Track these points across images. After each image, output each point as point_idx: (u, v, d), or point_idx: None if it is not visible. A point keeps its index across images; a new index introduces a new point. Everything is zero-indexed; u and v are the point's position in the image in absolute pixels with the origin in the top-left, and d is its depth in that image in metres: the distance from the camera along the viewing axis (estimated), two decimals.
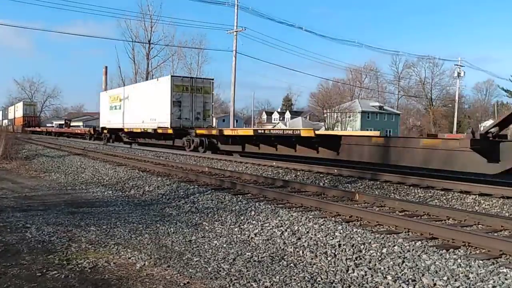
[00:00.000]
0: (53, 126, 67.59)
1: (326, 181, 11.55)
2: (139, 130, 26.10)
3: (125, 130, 28.20)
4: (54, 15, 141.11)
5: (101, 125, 33.12)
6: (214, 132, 20.62)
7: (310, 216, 7.04)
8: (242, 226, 6.90)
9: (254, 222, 7.04)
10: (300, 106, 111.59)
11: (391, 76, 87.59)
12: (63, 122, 77.85)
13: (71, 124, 67.46)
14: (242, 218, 7.35)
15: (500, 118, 9.46)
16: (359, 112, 73.55)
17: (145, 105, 25.21)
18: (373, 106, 77.44)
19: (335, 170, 12.51)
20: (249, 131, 18.95)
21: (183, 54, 57.85)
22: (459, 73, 59.08)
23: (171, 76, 23.44)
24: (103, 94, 34.63)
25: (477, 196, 8.90)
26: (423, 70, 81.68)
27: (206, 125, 23.15)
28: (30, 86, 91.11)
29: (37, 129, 55.81)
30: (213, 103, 24.41)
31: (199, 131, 20.76)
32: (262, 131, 17.83)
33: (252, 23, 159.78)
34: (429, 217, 7.21)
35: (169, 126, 22.30)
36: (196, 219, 7.55)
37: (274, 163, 14.70)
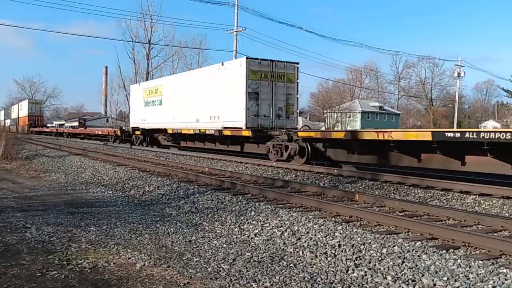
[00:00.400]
0: (54, 126, 67.03)
1: (326, 181, 11.55)
2: (190, 132, 20.62)
3: (169, 131, 22.69)
4: (54, 15, 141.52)
5: (131, 125, 27.71)
6: (338, 135, 14.11)
7: (310, 216, 7.04)
8: (242, 226, 6.90)
9: (254, 222, 7.04)
10: (300, 106, 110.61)
11: (391, 76, 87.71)
12: (63, 122, 77.73)
13: (86, 124, 64.60)
14: (242, 218, 7.35)
15: None
16: (359, 112, 73.56)
17: (202, 99, 19.86)
18: (373, 106, 77.46)
19: (335, 170, 12.51)
20: (423, 135, 11.04)
21: (183, 54, 57.82)
22: (459, 73, 59.16)
23: (247, 58, 17.08)
24: (134, 88, 28.89)
25: (477, 196, 8.90)
26: (423, 70, 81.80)
27: (289, 125, 17.75)
28: (30, 86, 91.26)
29: (45, 129, 52.76)
30: (298, 96, 18.35)
31: (303, 134, 14.97)
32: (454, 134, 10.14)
33: (252, 23, 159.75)
34: (429, 217, 7.21)
35: (243, 126, 16.87)
36: (196, 219, 7.55)
37: (274, 163, 14.70)
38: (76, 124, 71.12)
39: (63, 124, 74.35)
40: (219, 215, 7.70)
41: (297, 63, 18.26)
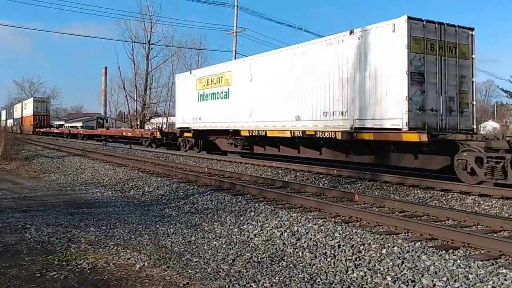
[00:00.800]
0: (62, 126, 65.83)
1: (325, 181, 11.55)
2: (283, 135, 14.71)
3: (243, 133, 16.61)
4: (54, 16, 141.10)
5: (178, 125, 21.81)
6: None
7: (310, 217, 7.04)
8: (241, 227, 6.90)
9: (253, 222, 7.04)
10: None
11: None
12: (62, 122, 77.52)
13: (86, 125, 60.46)
14: (241, 218, 7.35)
15: None
16: None
17: (308, 88, 13.75)
18: None
19: (335, 171, 12.51)
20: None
21: (183, 55, 57.61)
22: None
23: (408, 17, 10.96)
24: (184, 77, 21.80)
25: (477, 196, 8.90)
26: None
27: (463, 123, 11.77)
28: (30, 86, 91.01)
29: (53, 130, 47.39)
30: (474, 80, 12.12)
31: None
32: None
33: (251, 23, 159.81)
34: (429, 218, 7.21)
35: (403, 126, 10.91)
36: (196, 219, 7.55)
37: (273, 163, 14.70)
38: (78, 124, 70.70)
39: (62, 125, 74.00)
40: (219, 216, 7.70)
41: (472, 29, 12.13)
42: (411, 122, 10.89)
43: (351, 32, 12.47)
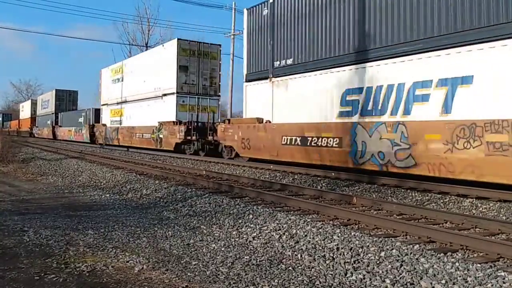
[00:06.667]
0: None
1: (323, 184, 11.57)
2: None
3: None
4: (56, 18, 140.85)
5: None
6: None
7: (308, 220, 7.05)
8: (240, 230, 6.90)
9: (252, 225, 7.04)
10: None
11: None
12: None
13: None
14: (240, 221, 7.35)
15: None
16: None
17: None
18: None
19: (333, 174, 12.53)
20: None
21: None
22: None
23: None
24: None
25: (474, 199, 8.93)
26: None
27: None
28: (27, 88, 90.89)
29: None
30: None
31: None
32: None
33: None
34: (427, 221, 7.24)
35: None
36: (194, 222, 7.55)
37: (271, 166, 14.71)
38: None
39: None
40: (217, 218, 7.70)
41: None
42: None
43: None
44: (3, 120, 73.81)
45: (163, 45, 24.42)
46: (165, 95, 23.69)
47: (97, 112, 36.31)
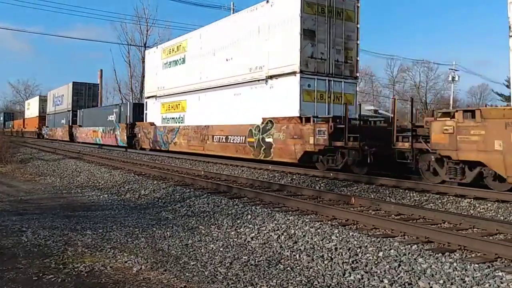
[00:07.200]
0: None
1: (321, 184, 11.58)
2: None
3: None
4: (54, 18, 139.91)
5: None
6: None
7: (307, 220, 7.05)
8: (238, 230, 6.90)
9: (250, 225, 7.04)
10: None
11: (386, 80, 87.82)
12: None
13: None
14: (238, 221, 7.35)
15: None
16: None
17: None
18: (368, 110, 77.47)
19: (331, 174, 12.54)
20: None
21: None
22: (453, 78, 59.24)
23: None
24: None
25: (472, 199, 8.94)
26: (418, 74, 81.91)
27: None
28: (25, 89, 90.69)
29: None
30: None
31: None
32: None
33: None
34: (425, 221, 7.25)
35: None
36: (193, 222, 7.55)
37: (270, 166, 14.72)
38: None
39: None
40: (216, 219, 7.70)
41: None
42: None
43: None
44: (4, 119, 73.18)
45: (267, 1, 15.99)
46: (272, 77, 15.71)
47: (137, 108, 28.45)
